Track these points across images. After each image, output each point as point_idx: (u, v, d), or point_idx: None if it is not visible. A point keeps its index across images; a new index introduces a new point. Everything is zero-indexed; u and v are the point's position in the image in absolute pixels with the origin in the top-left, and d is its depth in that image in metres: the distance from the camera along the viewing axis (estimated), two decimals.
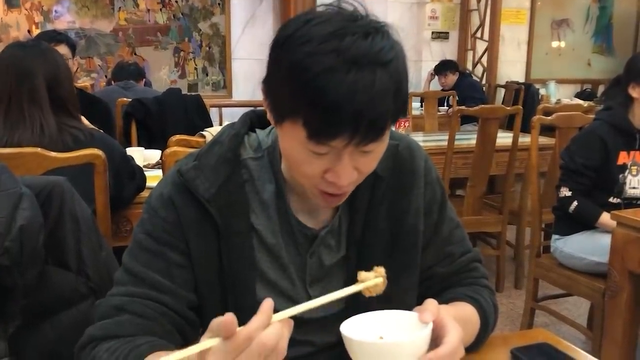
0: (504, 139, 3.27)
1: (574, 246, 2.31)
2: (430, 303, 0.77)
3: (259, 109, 0.99)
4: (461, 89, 5.19)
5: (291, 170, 0.86)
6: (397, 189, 0.96)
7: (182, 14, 5.47)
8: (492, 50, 6.00)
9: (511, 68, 6.41)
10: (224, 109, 4.75)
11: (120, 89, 3.53)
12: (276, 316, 0.66)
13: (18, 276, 1.10)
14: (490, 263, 3.34)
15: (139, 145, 2.99)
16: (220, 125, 4.02)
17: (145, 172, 2.02)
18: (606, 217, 2.14)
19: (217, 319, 0.64)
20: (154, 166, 2.44)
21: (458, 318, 0.80)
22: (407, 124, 3.54)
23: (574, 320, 2.57)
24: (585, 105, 4.20)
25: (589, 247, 2.25)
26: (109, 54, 5.30)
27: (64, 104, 1.76)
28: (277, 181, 0.92)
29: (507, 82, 6.16)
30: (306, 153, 0.78)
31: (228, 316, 0.62)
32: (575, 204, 2.26)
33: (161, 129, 3.11)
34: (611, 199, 2.28)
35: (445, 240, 1.02)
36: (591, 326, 2.48)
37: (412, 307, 0.78)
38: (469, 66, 6.19)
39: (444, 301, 0.94)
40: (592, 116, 2.49)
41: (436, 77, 5.51)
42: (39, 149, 1.49)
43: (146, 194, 1.93)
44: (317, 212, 0.94)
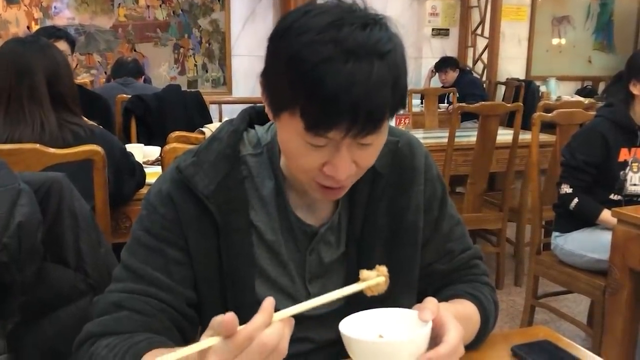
0: (504, 136, 3.26)
1: (574, 243, 2.31)
2: (429, 301, 0.76)
3: (258, 105, 0.98)
4: (461, 85, 5.18)
5: (289, 163, 0.85)
6: (397, 185, 0.95)
7: (181, 10, 5.46)
8: (493, 47, 5.99)
9: (512, 65, 6.40)
10: (223, 106, 4.75)
11: (119, 85, 3.52)
12: (277, 315, 0.66)
13: (16, 273, 1.10)
14: (490, 260, 3.34)
15: (139, 141, 2.98)
16: (220, 121, 4.02)
17: (144, 169, 2.01)
18: (607, 214, 2.14)
19: (217, 318, 0.64)
20: (153, 163, 2.44)
21: (458, 316, 0.80)
22: (407, 121, 3.53)
23: (574, 318, 2.57)
24: (586, 102, 4.19)
25: (589, 244, 2.25)
26: (109, 50, 5.29)
27: (64, 100, 1.76)
28: (276, 178, 0.92)
29: (507, 79, 6.15)
30: (304, 145, 0.77)
31: (229, 315, 0.62)
32: (576, 200, 2.26)
33: (161, 125, 3.11)
34: (612, 196, 2.28)
35: (446, 237, 1.01)
36: (591, 323, 2.48)
37: (412, 305, 0.78)
38: (470, 63, 6.18)
39: (444, 298, 0.94)
40: (593, 113, 2.48)
41: (436, 74, 5.50)
42: (37, 145, 1.48)
43: (146, 191, 1.93)
44: (317, 208, 0.94)
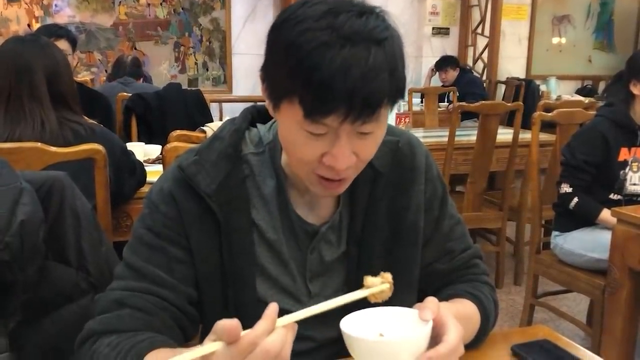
0: (504, 135, 3.27)
1: (574, 243, 2.31)
2: (430, 301, 0.76)
3: (259, 104, 0.99)
4: (462, 84, 5.18)
5: (290, 157, 0.85)
6: (397, 185, 0.96)
7: (182, 8, 5.46)
8: (493, 46, 5.99)
9: (512, 64, 6.40)
10: (224, 104, 4.76)
11: (120, 84, 3.53)
12: (280, 321, 0.66)
13: (18, 271, 1.10)
14: (490, 259, 3.34)
15: (139, 140, 2.99)
16: (221, 120, 4.02)
17: (145, 167, 2.02)
18: (607, 214, 2.14)
19: (220, 322, 0.64)
20: (154, 161, 2.44)
21: (458, 315, 0.80)
22: (407, 120, 3.53)
23: (573, 317, 2.57)
24: (586, 102, 4.19)
25: (589, 243, 2.25)
26: (109, 48, 5.28)
27: (64, 99, 1.76)
28: (277, 176, 0.92)
29: (507, 78, 6.15)
30: (303, 135, 0.78)
31: (232, 322, 0.62)
32: (576, 200, 2.26)
33: (161, 123, 3.12)
34: (612, 196, 2.28)
35: (446, 237, 1.02)
36: (591, 323, 2.48)
37: (413, 304, 0.78)
38: (470, 62, 6.18)
39: (444, 297, 0.95)
40: (593, 113, 2.48)
41: (437, 73, 5.50)
42: (39, 143, 1.48)
43: (146, 189, 1.93)
44: (318, 207, 0.94)
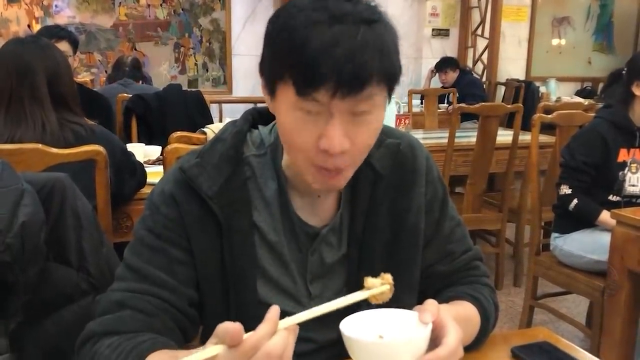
0: (504, 136, 3.27)
1: (573, 244, 2.32)
2: (430, 304, 0.77)
3: (260, 106, 0.99)
4: (461, 86, 5.19)
5: (288, 149, 0.85)
6: (398, 187, 0.96)
7: (182, 9, 5.46)
8: (493, 47, 6.00)
9: (512, 65, 6.40)
10: (224, 105, 4.76)
11: (120, 86, 3.53)
12: (281, 323, 0.66)
13: (19, 272, 1.11)
14: (489, 261, 3.35)
15: (139, 141, 2.99)
16: (220, 121, 4.03)
17: (145, 168, 2.02)
18: (606, 216, 2.14)
19: (222, 325, 0.64)
20: (154, 162, 2.44)
21: (458, 317, 0.80)
22: (407, 122, 3.54)
23: (572, 318, 2.57)
24: (586, 103, 4.21)
25: (588, 245, 2.26)
26: (109, 49, 5.29)
27: (64, 100, 1.76)
28: (279, 178, 0.92)
29: (507, 79, 6.15)
30: (298, 117, 0.78)
31: (235, 325, 0.63)
32: (575, 202, 2.26)
33: (161, 124, 3.12)
34: (611, 197, 2.29)
35: (446, 239, 1.02)
36: (590, 324, 2.49)
37: (413, 306, 0.78)
38: (470, 63, 6.19)
39: (445, 299, 0.95)
40: (593, 114, 2.49)
41: (436, 75, 5.51)
42: (39, 145, 1.48)
43: (147, 190, 1.94)
44: (319, 209, 0.95)
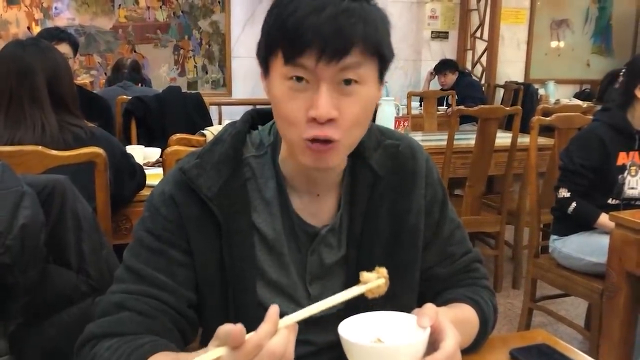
0: (503, 139, 3.27)
1: (572, 247, 2.32)
2: (428, 307, 0.77)
3: (260, 107, 1.00)
4: (460, 88, 5.20)
5: (280, 124, 0.85)
6: (397, 188, 0.96)
7: (182, 11, 5.47)
8: (492, 50, 6.00)
9: (510, 68, 6.41)
10: (223, 107, 4.76)
11: (120, 88, 3.54)
12: (281, 322, 0.67)
13: (19, 274, 1.11)
14: (488, 263, 3.35)
15: (139, 143, 2.99)
16: (220, 123, 4.03)
17: (145, 170, 2.02)
18: (605, 218, 2.15)
19: (224, 327, 0.64)
20: (154, 164, 2.44)
21: (456, 320, 0.80)
22: (406, 124, 3.53)
23: (571, 321, 2.57)
24: (584, 106, 4.20)
25: (587, 247, 2.26)
26: (109, 51, 5.30)
27: (64, 102, 1.76)
28: (278, 178, 0.93)
29: (506, 82, 6.16)
30: (288, 87, 0.80)
31: (237, 327, 0.63)
32: (574, 205, 2.26)
33: (161, 126, 3.12)
34: (610, 201, 2.29)
35: (446, 241, 1.02)
36: (589, 326, 2.49)
37: (412, 308, 0.78)
38: (469, 66, 6.19)
39: (444, 302, 0.95)
40: (591, 117, 2.49)
41: (436, 77, 5.51)
42: (39, 147, 1.48)
43: (146, 192, 1.94)
44: (319, 210, 0.95)
